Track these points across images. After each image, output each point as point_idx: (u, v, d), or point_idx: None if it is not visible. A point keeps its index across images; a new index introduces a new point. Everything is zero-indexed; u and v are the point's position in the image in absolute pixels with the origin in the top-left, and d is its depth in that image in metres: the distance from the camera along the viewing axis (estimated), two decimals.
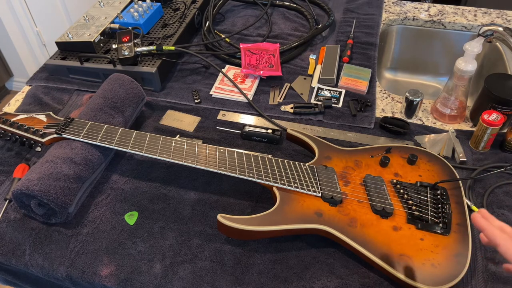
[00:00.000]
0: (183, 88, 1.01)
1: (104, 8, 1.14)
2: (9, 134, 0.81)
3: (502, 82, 0.84)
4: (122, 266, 0.67)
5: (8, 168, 0.83)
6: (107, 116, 0.83)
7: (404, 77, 1.33)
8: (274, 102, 0.96)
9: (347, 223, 0.65)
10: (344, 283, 0.64)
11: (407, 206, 0.68)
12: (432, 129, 0.88)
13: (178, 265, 0.67)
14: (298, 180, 0.70)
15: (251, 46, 1.09)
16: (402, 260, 0.61)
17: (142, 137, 0.77)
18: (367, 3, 1.29)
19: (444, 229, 0.65)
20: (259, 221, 0.65)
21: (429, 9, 1.26)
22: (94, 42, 1.00)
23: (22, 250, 0.70)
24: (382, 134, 0.87)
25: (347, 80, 0.99)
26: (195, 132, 0.89)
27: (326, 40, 1.16)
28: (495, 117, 0.78)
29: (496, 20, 1.20)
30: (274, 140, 0.86)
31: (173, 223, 0.72)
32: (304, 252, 0.68)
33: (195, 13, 1.17)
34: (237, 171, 0.71)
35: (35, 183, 0.68)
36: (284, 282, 0.64)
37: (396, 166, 0.75)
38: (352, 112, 0.92)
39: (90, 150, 0.76)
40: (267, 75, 1.01)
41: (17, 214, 0.74)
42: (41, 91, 1.01)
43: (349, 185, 0.71)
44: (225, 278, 0.65)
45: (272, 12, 1.28)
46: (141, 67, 0.97)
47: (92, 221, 0.73)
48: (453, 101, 0.87)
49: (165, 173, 0.81)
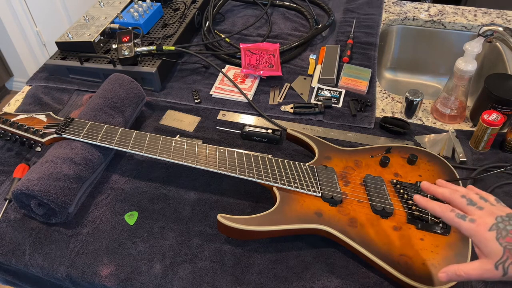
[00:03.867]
0: (183, 88, 1.01)
1: (104, 8, 1.14)
2: (9, 134, 0.81)
3: (502, 82, 0.84)
4: (122, 266, 0.67)
5: (8, 168, 0.83)
6: (107, 116, 0.83)
7: (404, 77, 1.33)
8: (274, 102, 0.96)
9: (347, 223, 0.65)
10: (344, 283, 0.64)
11: (407, 206, 0.68)
12: (432, 129, 0.88)
13: (178, 265, 0.67)
14: (298, 180, 0.70)
15: (251, 46, 1.09)
16: (402, 260, 0.61)
17: (142, 137, 0.77)
18: (367, 3, 1.29)
19: (444, 229, 0.65)
20: (259, 221, 0.65)
21: (429, 9, 1.26)
22: (94, 42, 1.00)
23: (22, 250, 0.70)
24: (382, 134, 0.87)
25: (347, 80, 0.99)
26: (195, 132, 0.89)
27: (326, 40, 1.16)
28: (495, 117, 0.78)
29: (496, 20, 1.20)
30: (274, 140, 0.86)
31: (173, 223, 0.72)
32: (304, 252, 0.68)
33: (195, 13, 1.17)
34: (237, 171, 0.71)
35: (35, 183, 0.68)
36: (284, 282, 0.64)
37: (396, 166, 0.75)
38: (352, 112, 0.92)
39: (90, 150, 0.76)
40: (267, 75, 1.01)
41: (17, 214, 0.74)
42: (41, 91, 1.01)
43: (349, 185, 0.71)
44: (225, 278, 0.65)
45: (272, 12, 1.28)
46: (141, 67, 0.97)
47: (92, 221, 0.73)
48: (453, 101, 0.87)
49: (165, 173, 0.81)
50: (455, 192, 0.55)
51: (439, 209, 0.53)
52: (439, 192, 0.56)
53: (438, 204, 0.54)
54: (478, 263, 0.49)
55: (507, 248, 0.47)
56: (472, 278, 0.50)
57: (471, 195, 0.53)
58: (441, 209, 0.53)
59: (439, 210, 0.53)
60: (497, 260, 0.47)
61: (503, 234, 0.48)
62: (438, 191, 0.56)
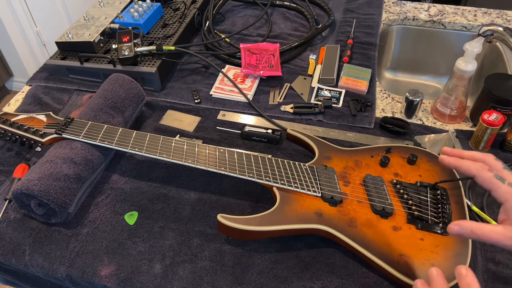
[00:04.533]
0: (183, 88, 1.01)
1: (104, 8, 1.14)
2: (9, 134, 0.81)
3: (502, 82, 0.84)
4: (122, 266, 0.67)
5: (8, 168, 0.83)
6: (107, 116, 0.83)
7: (404, 77, 1.33)
8: (274, 102, 0.96)
9: (347, 223, 0.65)
10: (344, 283, 0.64)
11: (407, 206, 0.68)
12: (432, 129, 0.88)
13: (178, 265, 0.67)
14: (298, 180, 0.70)
15: (251, 46, 1.09)
16: (402, 260, 0.61)
17: (142, 137, 0.77)
18: (367, 3, 1.29)
19: (444, 229, 0.65)
20: (259, 221, 0.65)
21: (429, 9, 1.26)
22: (94, 42, 1.00)
23: (22, 250, 0.70)
24: (382, 134, 0.87)
25: (347, 80, 0.99)
26: (195, 132, 0.89)
27: (326, 40, 1.16)
28: (495, 117, 0.78)
29: (496, 20, 1.20)
30: (274, 140, 0.86)
31: (173, 223, 0.72)
32: (304, 252, 0.68)
33: (195, 13, 1.17)
34: (237, 171, 0.71)
35: (35, 183, 0.68)
36: (284, 282, 0.64)
37: (396, 166, 0.75)
38: (352, 112, 0.92)
39: (90, 150, 0.76)
40: (267, 75, 1.01)
41: (17, 214, 0.74)
42: (41, 91, 1.01)
43: (349, 185, 0.71)
44: (225, 278, 0.65)
45: (272, 12, 1.28)
46: (141, 67, 0.97)
47: (92, 221, 0.73)
48: (453, 101, 0.87)
49: (165, 173, 0.81)
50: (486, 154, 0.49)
51: (474, 166, 0.48)
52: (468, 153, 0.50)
53: (473, 162, 0.48)
54: (502, 228, 0.45)
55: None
56: (487, 241, 0.45)
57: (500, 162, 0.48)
58: (477, 167, 0.48)
59: (474, 168, 0.48)
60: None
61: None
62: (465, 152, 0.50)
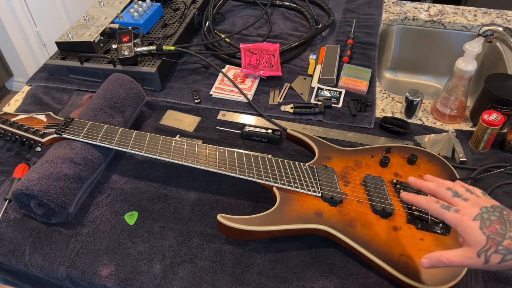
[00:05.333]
0: (183, 88, 1.01)
1: (104, 8, 1.14)
2: (9, 134, 0.81)
3: (502, 82, 0.84)
4: (122, 266, 0.67)
5: (8, 168, 0.83)
6: (107, 116, 0.83)
7: (404, 77, 1.33)
8: (274, 102, 0.96)
9: (347, 223, 0.65)
10: (344, 283, 0.64)
11: (407, 206, 0.68)
12: (432, 129, 0.88)
13: (178, 265, 0.67)
14: (298, 180, 0.70)
15: (251, 46, 1.09)
16: (402, 260, 0.61)
17: (142, 137, 0.77)
18: (367, 3, 1.29)
19: (444, 229, 0.65)
20: (259, 221, 0.65)
21: (429, 9, 1.26)
22: (94, 42, 1.00)
23: (22, 250, 0.70)
24: (382, 134, 0.87)
25: (347, 80, 0.99)
26: (195, 132, 0.89)
27: (326, 40, 1.16)
28: (495, 117, 0.78)
29: (496, 20, 1.20)
30: (274, 140, 0.86)
31: (173, 223, 0.72)
32: (304, 252, 0.68)
33: (195, 13, 1.17)
34: (237, 171, 0.71)
35: (35, 183, 0.68)
36: (284, 282, 0.64)
37: (396, 166, 0.75)
38: (352, 112, 0.92)
39: (90, 150, 0.76)
40: (267, 75, 1.01)
41: (17, 214, 0.74)
42: (41, 91, 1.01)
43: (349, 185, 0.71)
44: (225, 278, 0.65)
45: (272, 12, 1.28)
46: (141, 67, 0.97)
47: (92, 221, 0.73)
48: (453, 101, 0.87)
49: (165, 173, 0.81)
50: (441, 185, 0.55)
51: (424, 201, 0.54)
52: (425, 185, 0.56)
53: (423, 197, 0.54)
54: (461, 250, 0.50)
55: (490, 237, 0.47)
56: (453, 265, 0.50)
57: (457, 187, 0.54)
58: (426, 201, 0.53)
59: (424, 203, 0.54)
60: (480, 248, 0.48)
61: (487, 224, 0.48)
62: (424, 184, 0.57)
